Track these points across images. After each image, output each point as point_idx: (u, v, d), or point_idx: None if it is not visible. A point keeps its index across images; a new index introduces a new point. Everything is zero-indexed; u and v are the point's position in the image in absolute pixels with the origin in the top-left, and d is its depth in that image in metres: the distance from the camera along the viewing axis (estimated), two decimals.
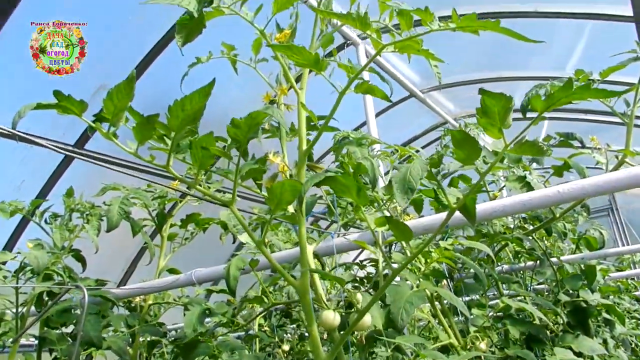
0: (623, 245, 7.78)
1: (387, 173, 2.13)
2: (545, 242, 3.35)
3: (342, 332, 1.22)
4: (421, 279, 1.72)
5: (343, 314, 1.31)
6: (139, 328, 2.06)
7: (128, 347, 2.04)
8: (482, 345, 1.95)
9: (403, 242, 1.77)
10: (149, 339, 2.26)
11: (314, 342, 0.97)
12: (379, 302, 1.50)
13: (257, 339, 2.68)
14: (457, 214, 1.57)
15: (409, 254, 1.73)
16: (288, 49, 0.90)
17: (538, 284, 3.06)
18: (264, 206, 2.45)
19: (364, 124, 3.85)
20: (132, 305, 2.49)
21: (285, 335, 3.10)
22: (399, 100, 5.41)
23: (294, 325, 3.13)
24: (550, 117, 6.86)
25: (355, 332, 1.32)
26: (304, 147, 1.03)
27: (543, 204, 1.46)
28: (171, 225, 2.66)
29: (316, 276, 1.33)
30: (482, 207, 1.52)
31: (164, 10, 3.44)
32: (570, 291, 2.51)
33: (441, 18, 0.90)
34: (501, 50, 5.46)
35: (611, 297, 3.76)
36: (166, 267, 2.32)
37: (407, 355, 1.40)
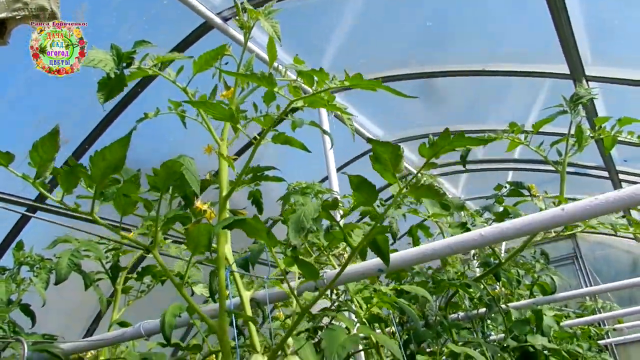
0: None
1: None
2: (504, 289, 3.42)
3: None
4: (363, 323, 1.77)
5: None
6: None
7: None
8: None
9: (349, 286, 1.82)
10: None
11: None
12: (316, 347, 1.53)
13: None
14: (395, 260, 1.65)
15: (350, 298, 1.78)
16: (203, 104, 0.98)
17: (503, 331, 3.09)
18: None
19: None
20: None
21: None
22: (363, 153, 5.57)
23: None
24: (515, 168, 7.11)
25: None
26: (224, 193, 1.11)
27: (467, 247, 1.53)
28: (128, 279, 2.66)
29: (248, 310, 1.37)
30: (413, 251, 1.59)
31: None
32: (519, 336, 2.57)
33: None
34: (464, 105, 5.73)
35: (573, 344, 3.82)
36: (118, 321, 2.30)
37: None
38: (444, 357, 2.36)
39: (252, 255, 1.85)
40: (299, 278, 1.86)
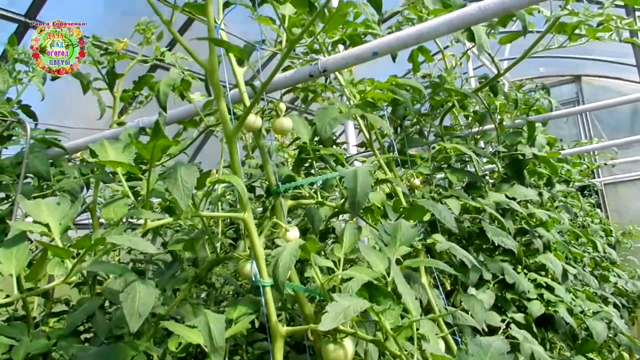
0: (587, 138, 7.99)
1: None
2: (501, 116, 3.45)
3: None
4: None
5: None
6: (92, 176, 2.13)
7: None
8: (417, 181, 2.08)
9: (339, 75, 1.83)
10: None
11: (224, 116, 1.05)
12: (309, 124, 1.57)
13: None
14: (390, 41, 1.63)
15: (344, 85, 1.79)
16: None
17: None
18: None
19: None
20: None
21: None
22: None
23: None
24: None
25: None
26: None
27: (465, 22, 1.50)
28: (128, 91, 2.67)
29: (243, 88, 1.39)
30: (409, 30, 1.57)
31: None
32: (511, 146, 2.64)
33: None
34: None
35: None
36: (117, 121, 2.35)
37: (330, 164, 1.50)
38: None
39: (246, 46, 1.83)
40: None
